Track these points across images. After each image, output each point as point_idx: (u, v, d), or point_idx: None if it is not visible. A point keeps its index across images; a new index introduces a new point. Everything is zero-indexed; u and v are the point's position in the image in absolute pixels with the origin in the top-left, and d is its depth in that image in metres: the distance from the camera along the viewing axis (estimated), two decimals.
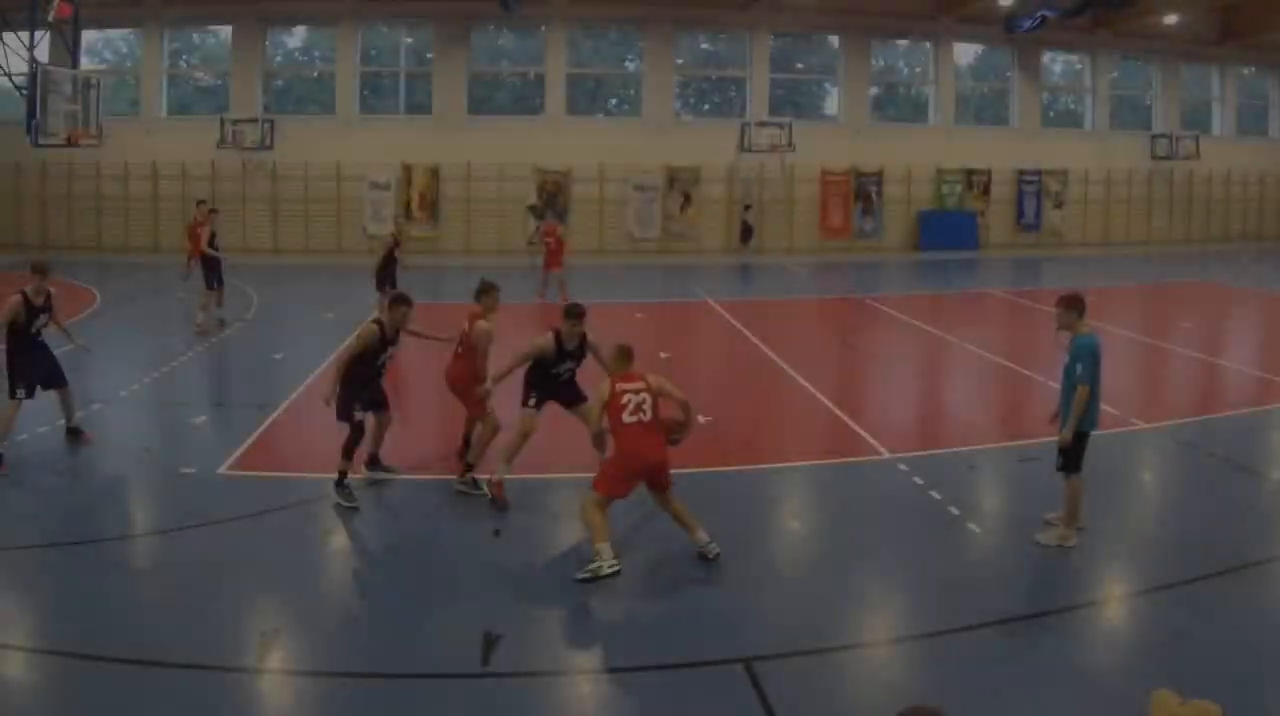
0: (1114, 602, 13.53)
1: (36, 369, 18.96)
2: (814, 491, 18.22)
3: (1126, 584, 14.17)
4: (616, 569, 13.49)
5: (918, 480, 17.77)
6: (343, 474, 16.77)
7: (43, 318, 19.03)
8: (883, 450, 19.60)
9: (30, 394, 18.77)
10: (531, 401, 17.12)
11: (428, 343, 18.57)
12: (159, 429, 21.58)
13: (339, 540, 15.48)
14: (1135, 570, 14.54)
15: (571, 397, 17.69)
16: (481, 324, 17.48)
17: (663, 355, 28.55)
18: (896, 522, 16.17)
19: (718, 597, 13.35)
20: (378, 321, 17.27)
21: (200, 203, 40.06)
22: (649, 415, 14.30)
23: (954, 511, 16.30)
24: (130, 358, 27.79)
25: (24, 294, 18.72)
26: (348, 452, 16.74)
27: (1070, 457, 14.91)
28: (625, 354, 15.03)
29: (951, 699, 10.28)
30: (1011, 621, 12.59)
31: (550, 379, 17.29)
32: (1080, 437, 14.90)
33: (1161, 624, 12.81)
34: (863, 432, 21.01)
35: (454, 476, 17.46)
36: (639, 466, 14.21)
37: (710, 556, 14.20)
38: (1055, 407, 15.49)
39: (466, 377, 17.56)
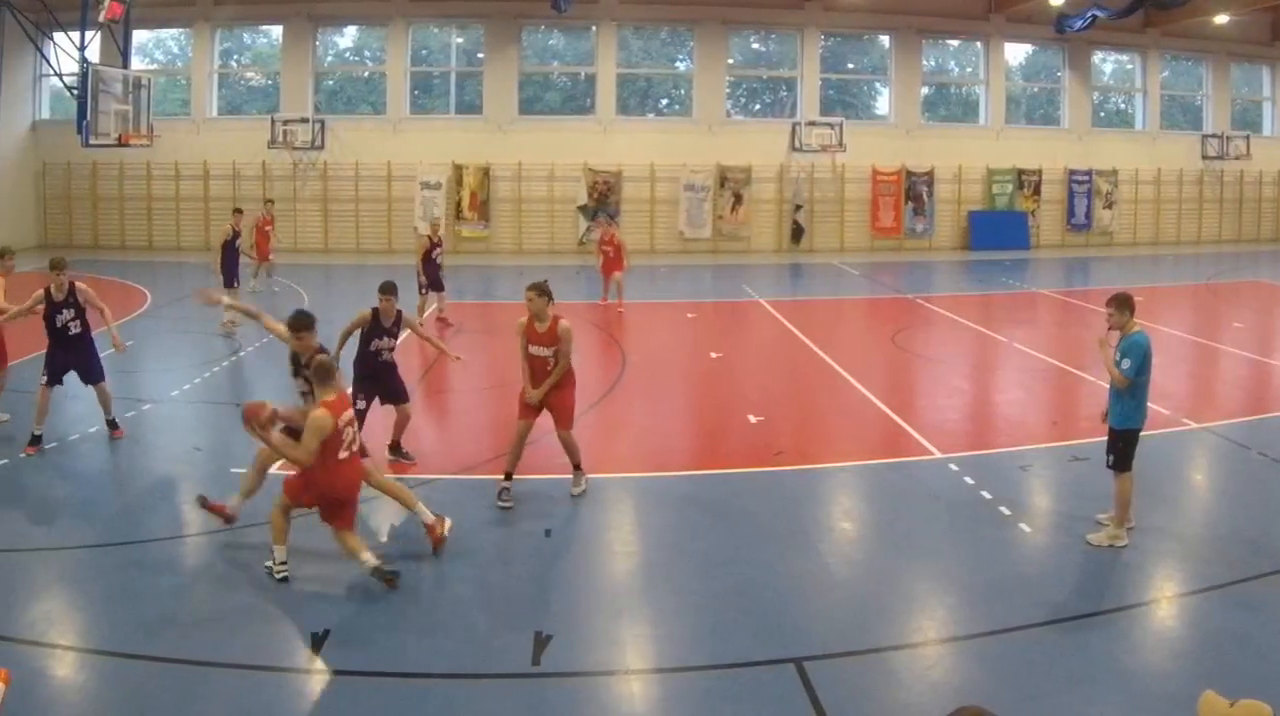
0: (1165, 602, 13.28)
1: (60, 361, 19.49)
2: (865, 491, 17.97)
3: (1177, 584, 13.92)
4: (285, 575, 13.40)
5: (969, 480, 17.56)
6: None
7: (66, 312, 19.43)
8: (934, 450, 19.38)
9: (52, 382, 19.30)
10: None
11: (486, 344, 18.14)
12: (210, 428, 21.01)
13: (390, 540, 15.25)
14: (1186, 570, 14.23)
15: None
16: (519, 321, 16.99)
17: (714, 355, 28.49)
18: (947, 522, 15.93)
19: (769, 598, 13.11)
20: (374, 309, 17.90)
21: (268, 202, 39.81)
22: (358, 444, 13.85)
23: (1005, 511, 16.12)
24: (181, 357, 27.10)
25: (47, 289, 19.31)
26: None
27: (1120, 455, 14.77)
28: (330, 371, 13.77)
29: (1001, 699, 10.24)
30: (1062, 621, 12.41)
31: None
32: (1129, 436, 14.80)
33: (1213, 624, 12.55)
34: (914, 432, 20.72)
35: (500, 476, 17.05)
36: (348, 497, 13.62)
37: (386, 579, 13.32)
38: (1104, 407, 15.34)
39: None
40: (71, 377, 19.73)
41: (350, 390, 17.28)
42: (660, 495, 17.19)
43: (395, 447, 18.43)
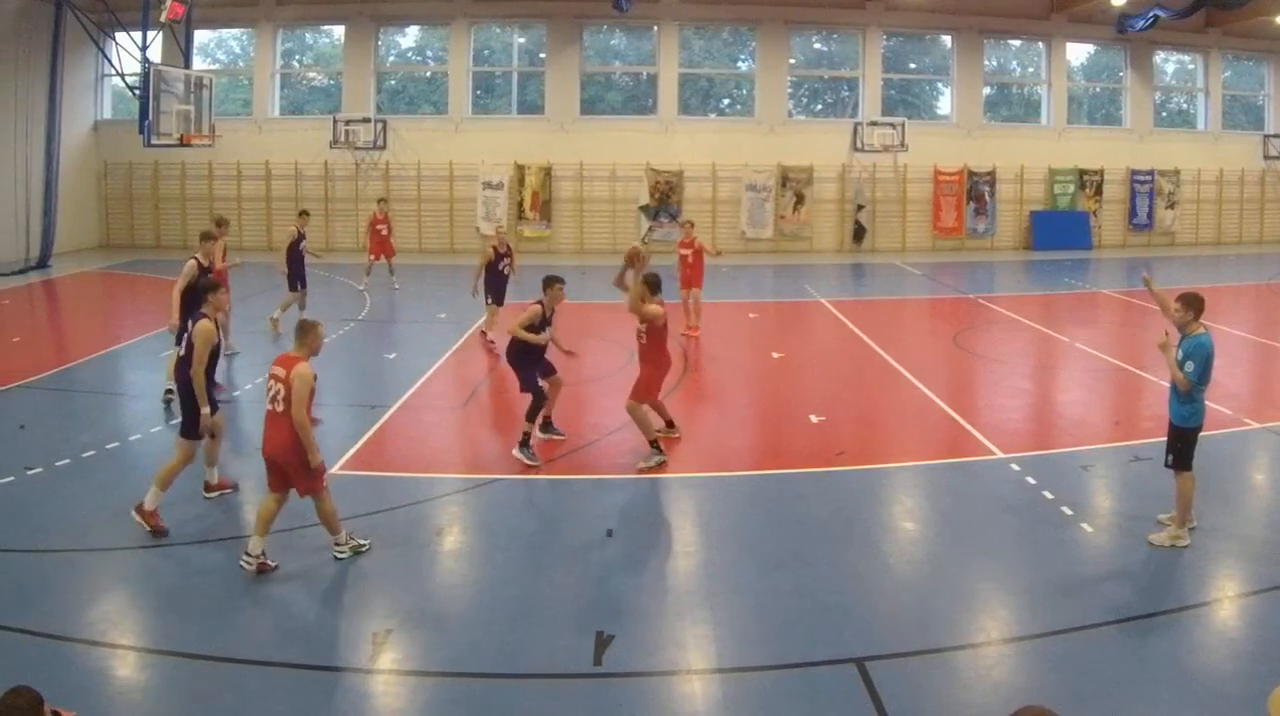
0: (1226, 603, 13.15)
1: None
2: (927, 491, 17.79)
3: (1239, 584, 13.73)
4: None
5: (1030, 480, 17.40)
6: (526, 436, 18.44)
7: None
8: (996, 450, 19.17)
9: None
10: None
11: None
12: None
13: (451, 540, 15.28)
14: (1248, 570, 14.01)
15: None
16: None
17: (775, 355, 28.16)
18: (1009, 522, 15.79)
19: (830, 598, 13.02)
20: (539, 302, 18.69)
21: (381, 201, 39.13)
22: (280, 406, 13.50)
23: (1067, 511, 15.93)
24: (244, 357, 26.92)
25: (196, 259, 21.33)
26: (531, 417, 18.55)
27: (1179, 455, 14.61)
28: (298, 328, 14.40)
29: (1063, 699, 10.20)
30: (1124, 622, 12.27)
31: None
32: (1189, 435, 14.59)
33: (1275, 624, 12.35)
34: (975, 432, 20.46)
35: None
36: (263, 451, 13.83)
37: (335, 555, 13.99)
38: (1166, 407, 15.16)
39: None
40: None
41: (537, 379, 18.79)
42: (722, 495, 17.18)
43: (548, 424, 19.70)
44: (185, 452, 15.39)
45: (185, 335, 17.07)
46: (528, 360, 18.72)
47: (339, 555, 13.68)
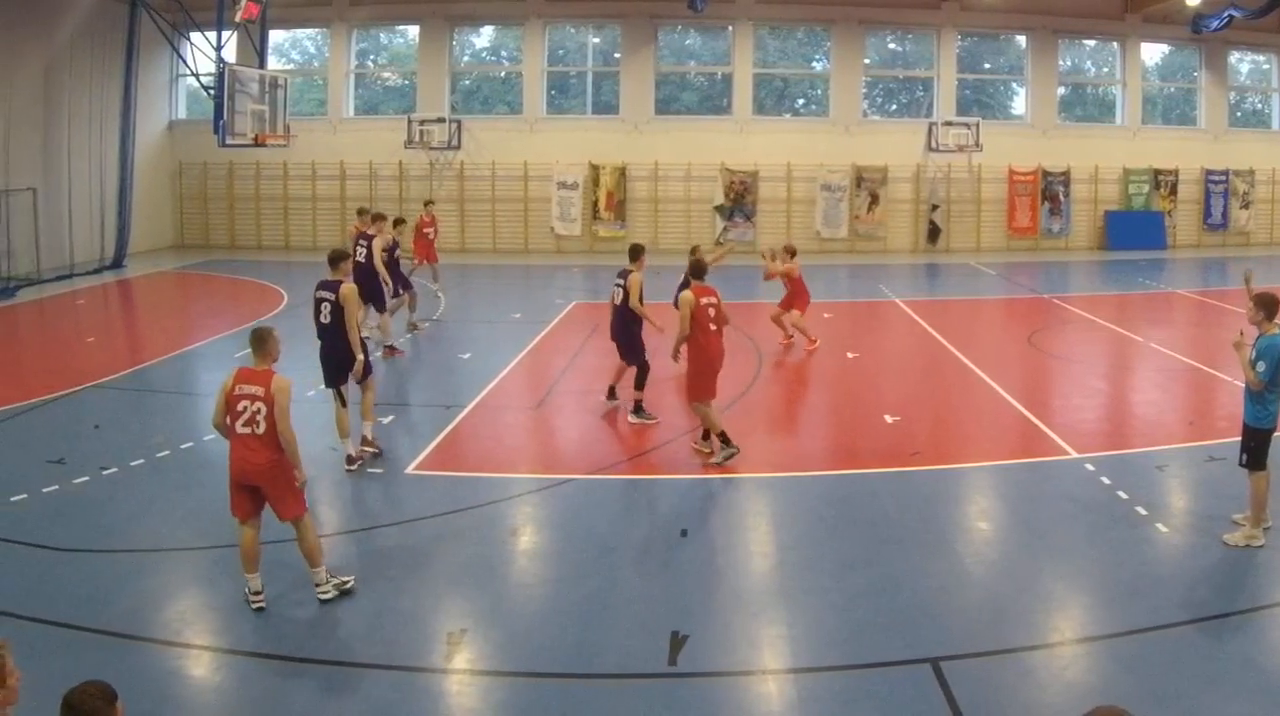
0: None
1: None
2: (1001, 491, 17.60)
3: None
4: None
5: (1105, 480, 17.14)
6: (638, 402, 20.43)
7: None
8: (1070, 450, 18.88)
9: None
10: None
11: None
12: None
13: (525, 540, 15.17)
14: None
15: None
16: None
17: (850, 355, 27.65)
18: (1084, 522, 15.50)
19: (905, 598, 12.79)
20: (634, 272, 20.54)
21: (428, 203, 38.97)
22: (260, 427, 12.25)
23: (1141, 511, 15.70)
24: (317, 358, 26.21)
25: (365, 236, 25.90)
26: (640, 386, 20.49)
27: (1253, 454, 14.33)
28: (254, 339, 12.86)
29: (1137, 699, 9.98)
30: (1198, 622, 12.04)
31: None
32: (1261, 435, 14.30)
33: None
34: (1050, 432, 20.11)
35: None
36: (234, 476, 12.51)
37: (320, 597, 12.60)
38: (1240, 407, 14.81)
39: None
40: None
41: (644, 352, 20.64)
42: (796, 495, 16.94)
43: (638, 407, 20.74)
44: (371, 384, 18.29)
45: (328, 304, 17.53)
46: (637, 331, 20.38)
47: (323, 596, 12.50)
